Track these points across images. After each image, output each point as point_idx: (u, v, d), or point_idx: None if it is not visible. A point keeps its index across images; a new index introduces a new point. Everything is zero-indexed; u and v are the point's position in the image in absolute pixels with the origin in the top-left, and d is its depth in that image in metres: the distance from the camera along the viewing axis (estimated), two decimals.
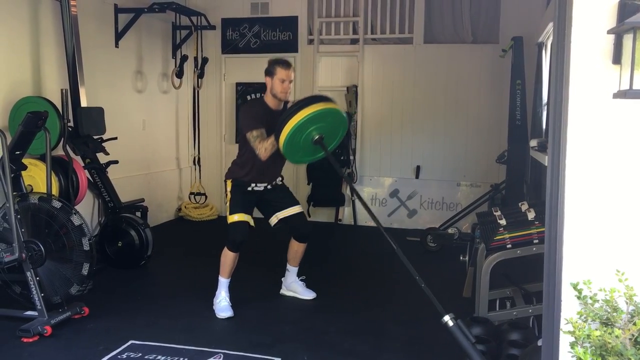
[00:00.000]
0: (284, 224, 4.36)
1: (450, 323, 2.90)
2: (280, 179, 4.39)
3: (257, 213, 4.30)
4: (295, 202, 4.41)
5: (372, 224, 7.29)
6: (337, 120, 3.93)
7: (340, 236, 6.97)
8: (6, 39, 4.84)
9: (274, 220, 4.34)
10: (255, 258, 4.74)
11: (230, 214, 4.18)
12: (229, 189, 4.27)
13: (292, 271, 4.55)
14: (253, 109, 4.17)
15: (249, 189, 4.24)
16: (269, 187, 4.30)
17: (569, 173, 2.15)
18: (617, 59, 2.04)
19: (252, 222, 4.18)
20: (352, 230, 7.17)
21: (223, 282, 4.19)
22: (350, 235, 6.96)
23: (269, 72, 4.14)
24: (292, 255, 4.48)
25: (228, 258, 4.13)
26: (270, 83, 4.13)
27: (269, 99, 4.18)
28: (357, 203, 7.32)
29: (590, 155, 2.13)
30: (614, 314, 1.99)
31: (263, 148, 3.96)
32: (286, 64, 4.14)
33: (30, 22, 5.10)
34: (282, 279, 4.61)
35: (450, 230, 6.03)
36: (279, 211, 4.33)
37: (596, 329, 1.93)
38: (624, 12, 2.01)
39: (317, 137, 3.79)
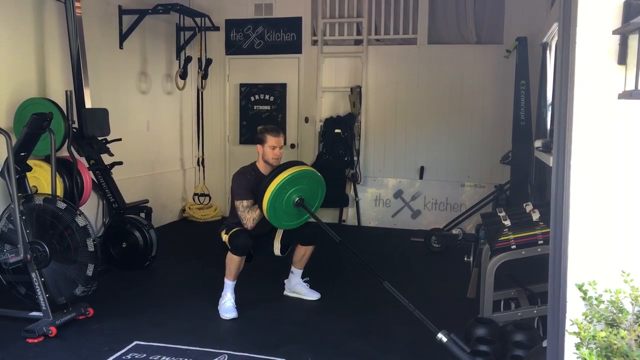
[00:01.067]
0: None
1: (444, 339, 3.00)
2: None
3: None
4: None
5: (376, 224, 7.32)
6: (313, 180, 4.17)
7: (344, 237, 6.83)
8: (11, 41, 4.86)
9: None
10: (259, 259, 4.72)
11: (226, 232, 4.26)
12: (224, 239, 4.26)
13: (296, 273, 4.55)
14: (245, 179, 4.24)
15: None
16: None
17: (574, 173, 2.14)
18: (622, 59, 2.04)
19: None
20: (356, 230, 7.16)
21: (228, 285, 4.19)
22: (354, 236, 6.94)
23: (260, 140, 4.28)
24: (298, 258, 4.48)
25: (233, 262, 4.13)
26: (262, 150, 4.27)
27: (261, 165, 4.31)
28: (361, 204, 7.32)
29: (595, 156, 2.12)
30: (620, 315, 1.99)
31: (251, 219, 4.10)
32: (275, 131, 4.28)
33: (35, 23, 5.11)
34: (285, 280, 4.60)
35: (454, 231, 6.02)
36: (300, 243, 4.44)
37: (601, 330, 1.92)
38: (629, 12, 2.01)
39: (297, 199, 4.04)
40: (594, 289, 2.08)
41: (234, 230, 4.17)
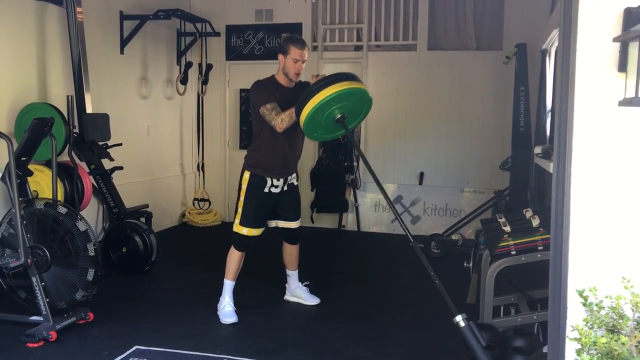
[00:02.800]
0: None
1: (462, 324, 2.87)
2: (295, 176, 4.34)
3: None
4: (297, 216, 4.42)
5: (375, 229, 7.33)
6: (361, 99, 3.82)
7: (344, 242, 6.97)
8: (12, 46, 4.87)
9: (272, 224, 4.34)
10: (259, 264, 4.74)
11: (240, 223, 4.15)
12: (244, 186, 4.14)
13: (292, 275, 4.55)
14: (264, 86, 4.03)
15: (266, 190, 4.13)
16: (284, 188, 4.22)
17: (575, 180, 2.15)
18: (622, 66, 2.05)
19: (260, 232, 4.19)
20: (355, 236, 7.17)
21: (228, 285, 4.19)
22: (354, 241, 6.96)
23: (282, 50, 4.02)
24: (288, 259, 4.49)
25: (234, 257, 4.13)
26: (283, 61, 4.02)
27: (280, 77, 4.09)
28: (361, 209, 7.33)
29: (595, 163, 2.13)
30: (620, 321, 1.99)
31: (279, 119, 3.85)
32: (301, 43, 4.01)
33: (36, 28, 5.12)
34: (286, 284, 4.61)
35: (454, 237, 6.03)
36: (282, 221, 4.33)
37: (602, 336, 1.93)
38: (629, 20, 2.02)
39: (339, 116, 3.70)
40: (595, 295, 2.08)
41: (242, 233, 4.12)
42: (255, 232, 4.15)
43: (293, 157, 4.22)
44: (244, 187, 4.15)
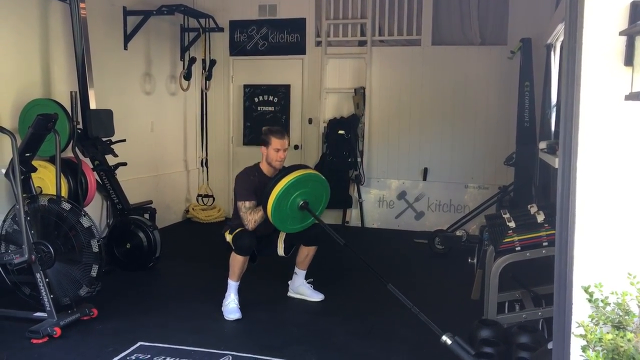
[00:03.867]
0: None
1: (449, 342, 3.00)
2: None
3: None
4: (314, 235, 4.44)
5: (379, 225, 7.31)
6: (317, 183, 4.16)
7: (347, 238, 6.85)
8: (16, 42, 4.87)
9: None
10: (263, 260, 4.72)
11: (230, 233, 4.24)
12: (228, 239, 4.24)
13: (300, 274, 4.55)
14: (248, 180, 4.24)
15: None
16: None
17: (580, 175, 2.13)
18: (629, 60, 2.03)
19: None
20: (359, 232, 7.16)
21: (232, 285, 4.19)
22: (358, 237, 6.94)
23: (264, 142, 4.26)
24: (301, 259, 4.48)
25: (237, 262, 4.14)
26: (266, 152, 4.26)
27: (264, 167, 4.31)
28: (365, 205, 7.31)
29: (601, 158, 2.12)
30: (626, 317, 1.98)
31: (253, 220, 4.10)
32: (280, 134, 4.26)
33: (40, 24, 5.12)
34: (289, 281, 4.60)
35: (458, 233, 6.02)
36: (304, 246, 4.44)
37: (608, 333, 1.91)
38: (635, 13, 2.00)
39: (301, 202, 4.02)
40: (600, 291, 2.07)
41: (237, 230, 4.17)
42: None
43: (270, 227, 4.26)
44: (229, 239, 4.22)
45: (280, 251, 4.35)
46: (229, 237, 4.21)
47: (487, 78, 6.89)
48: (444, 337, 3.03)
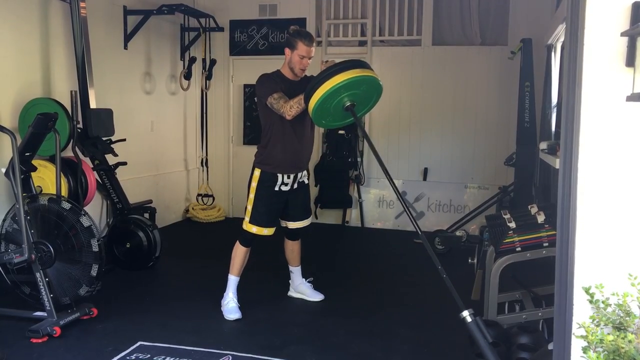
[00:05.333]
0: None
1: (469, 319, 2.83)
2: (306, 174, 4.29)
3: None
4: (308, 214, 4.41)
5: (379, 225, 7.31)
6: (372, 88, 3.76)
7: (347, 238, 6.96)
8: (16, 41, 4.86)
9: (283, 224, 4.34)
10: (263, 260, 4.73)
11: (250, 222, 4.12)
12: (254, 183, 4.10)
13: (295, 272, 4.54)
14: (270, 78, 3.98)
15: (276, 188, 4.10)
16: (294, 185, 4.18)
17: (581, 176, 2.13)
18: (630, 61, 2.03)
19: (271, 232, 4.16)
20: (359, 232, 7.16)
21: (232, 281, 4.18)
22: (357, 237, 6.95)
23: (289, 44, 3.95)
24: (290, 255, 4.48)
25: (239, 253, 4.12)
26: (289, 56, 3.97)
27: (285, 71, 4.05)
28: (365, 205, 7.31)
29: (602, 158, 2.11)
30: (627, 318, 1.97)
31: (288, 106, 3.79)
32: (309, 39, 3.93)
33: (40, 23, 5.12)
34: (290, 281, 4.60)
35: (458, 233, 6.02)
36: (292, 221, 4.33)
37: (609, 334, 1.91)
38: (637, 14, 2.00)
39: (348, 103, 3.65)
40: (601, 292, 2.06)
41: (252, 231, 4.11)
42: (265, 231, 4.12)
43: (303, 151, 4.16)
44: (254, 184, 4.11)
45: (281, 224, 4.31)
46: (246, 226, 4.12)
47: (487, 78, 6.89)
48: (465, 313, 2.85)
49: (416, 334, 3.86)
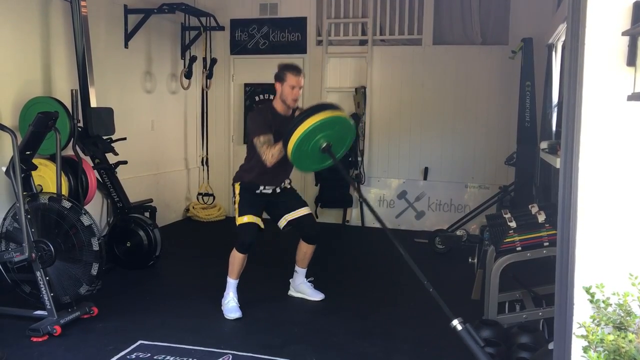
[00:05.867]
0: (293, 227, 4.35)
1: (459, 327, 2.88)
2: (289, 182, 4.39)
3: (265, 215, 4.31)
4: (303, 204, 4.41)
5: (379, 225, 7.29)
6: (344, 128, 3.92)
7: (348, 237, 6.96)
8: (16, 39, 4.86)
9: (282, 222, 4.33)
10: (263, 259, 4.73)
11: (239, 215, 4.17)
12: (236, 191, 4.26)
13: (300, 272, 4.54)
14: (261, 115, 4.15)
15: (257, 191, 4.24)
16: (277, 190, 4.29)
17: (582, 175, 2.13)
18: (631, 60, 2.03)
19: (261, 224, 4.17)
20: (359, 231, 7.15)
21: (231, 283, 4.19)
22: (358, 237, 6.95)
23: (279, 78, 4.12)
24: (302, 257, 4.48)
25: (236, 259, 4.13)
26: (280, 89, 4.12)
27: (277, 104, 4.18)
28: (365, 204, 7.31)
29: (603, 158, 2.11)
30: (628, 318, 1.97)
31: (270, 154, 3.96)
32: (297, 70, 4.11)
33: (41, 22, 5.11)
34: (290, 280, 4.60)
35: (458, 232, 6.01)
36: (288, 213, 4.32)
37: (609, 334, 1.91)
38: (638, 13, 2.00)
39: (324, 145, 3.79)
40: (602, 292, 2.06)
41: (242, 222, 4.11)
42: (254, 219, 4.14)
43: (283, 175, 4.29)
44: (237, 192, 4.25)
45: (281, 225, 4.33)
46: (239, 220, 4.16)
47: (488, 78, 6.88)
48: (455, 322, 2.90)
49: (416, 333, 3.86)
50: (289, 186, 4.40)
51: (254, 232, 4.11)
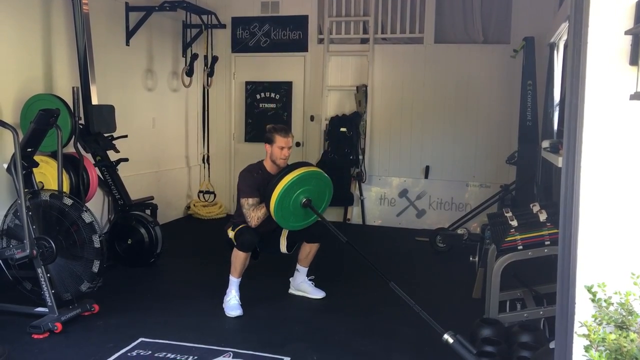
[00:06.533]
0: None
1: (451, 340, 2.99)
2: None
3: None
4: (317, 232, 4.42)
5: (380, 223, 7.31)
6: (320, 181, 4.15)
7: (349, 235, 6.82)
8: (18, 37, 4.86)
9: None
10: (264, 256, 4.72)
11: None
12: (230, 235, 4.25)
13: (301, 271, 4.55)
14: (251, 177, 4.23)
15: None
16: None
17: (584, 174, 2.13)
18: (634, 60, 2.02)
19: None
20: (360, 229, 7.15)
21: (234, 281, 4.19)
22: (359, 235, 6.93)
23: (268, 140, 4.24)
24: (304, 256, 4.48)
25: (238, 258, 4.13)
26: (270, 150, 4.24)
27: (268, 165, 4.29)
28: (366, 202, 7.32)
29: (605, 157, 2.11)
30: (629, 317, 1.97)
31: (255, 217, 4.09)
32: (284, 132, 4.24)
33: (42, 20, 5.11)
34: (291, 278, 4.60)
35: (459, 231, 6.01)
36: (307, 243, 4.42)
37: (611, 333, 1.91)
38: None
39: (304, 200, 4.02)
40: (603, 291, 2.06)
41: (240, 227, 4.17)
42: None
43: (273, 223, 4.25)
44: (232, 236, 4.23)
45: (283, 248, 4.35)
46: (231, 234, 4.21)
47: (489, 76, 6.88)
48: (446, 336, 3.02)
49: (417, 332, 3.86)
50: None
51: (253, 232, 4.11)
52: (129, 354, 3.41)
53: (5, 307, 3.94)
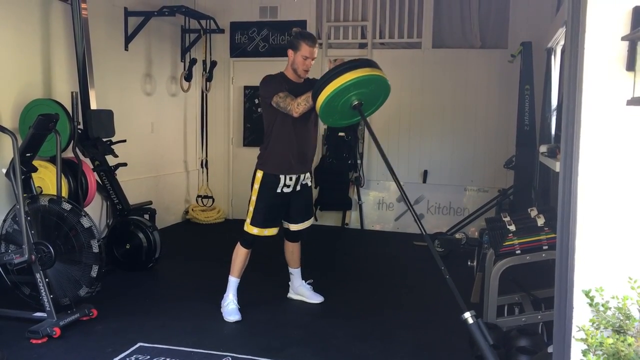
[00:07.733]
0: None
1: (470, 320, 2.84)
2: (309, 176, 4.26)
3: None
4: (310, 216, 4.40)
5: (379, 227, 7.32)
6: (379, 87, 3.74)
7: (347, 240, 6.96)
8: (17, 42, 4.87)
9: (285, 226, 4.34)
10: (263, 261, 4.74)
11: (251, 223, 4.11)
12: (256, 185, 4.08)
13: (295, 274, 4.54)
14: (274, 79, 3.97)
15: (278, 190, 4.07)
16: (297, 188, 4.16)
17: (582, 179, 2.14)
18: (631, 65, 2.04)
19: (271, 233, 4.15)
20: (359, 234, 7.16)
21: (233, 282, 4.18)
22: (357, 239, 6.95)
23: (292, 45, 3.95)
24: (290, 257, 4.48)
25: (240, 254, 4.12)
26: (292, 57, 3.96)
27: (289, 73, 4.03)
28: (364, 207, 7.32)
29: (603, 162, 2.12)
30: (627, 321, 1.98)
31: (295, 104, 3.78)
32: (312, 40, 3.94)
33: (41, 24, 5.12)
34: (289, 282, 4.60)
35: (457, 235, 6.02)
36: (293, 223, 4.31)
37: (608, 337, 1.92)
38: (638, 18, 2.01)
39: (356, 102, 3.65)
40: (601, 296, 2.07)
41: (253, 233, 4.10)
42: (266, 232, 4.11)
43: (306, 151, 4.15)
44: (256, 186, 4.09)
45: (286, 225, 4.30)
46: (247, 227, 4.11)
47: (487, 81, 6.90)
48: (467, 314, 2.84)
49: (416, 336, 3.87)
50: (309, 183, 4.27)
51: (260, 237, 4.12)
52: (127, 359, 3.41)
53: (4, 312, 3.93)
